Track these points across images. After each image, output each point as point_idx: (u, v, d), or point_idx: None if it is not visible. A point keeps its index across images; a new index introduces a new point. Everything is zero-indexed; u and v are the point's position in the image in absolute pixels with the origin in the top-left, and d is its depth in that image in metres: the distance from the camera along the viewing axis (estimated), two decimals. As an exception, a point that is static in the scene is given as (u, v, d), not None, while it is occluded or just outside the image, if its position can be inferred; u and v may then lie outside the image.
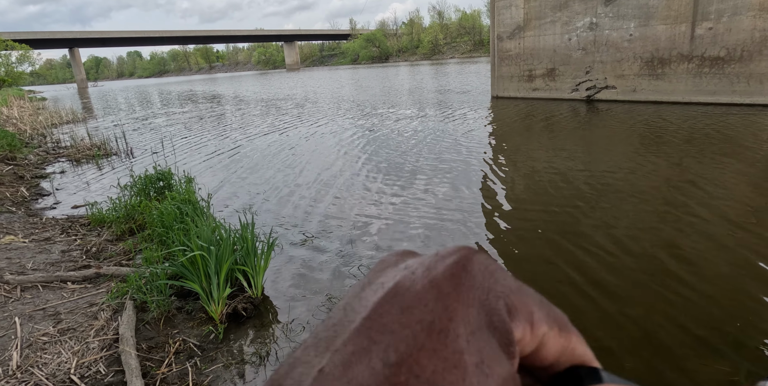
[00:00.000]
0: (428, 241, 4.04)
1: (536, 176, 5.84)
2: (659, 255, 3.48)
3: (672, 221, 4.10)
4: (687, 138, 7.34)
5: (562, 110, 11.44)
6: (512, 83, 14.65)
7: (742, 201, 4.48)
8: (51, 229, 4.86)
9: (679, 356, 2.41)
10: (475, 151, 7.45)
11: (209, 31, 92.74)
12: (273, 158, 8.11)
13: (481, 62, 47.52)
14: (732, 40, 9.79)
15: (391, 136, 9.30)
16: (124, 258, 4.03)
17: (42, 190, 6.91)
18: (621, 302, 2.93)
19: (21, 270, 3.71)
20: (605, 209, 4.52)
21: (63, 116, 17.26)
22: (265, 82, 43.07)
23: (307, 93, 24.31)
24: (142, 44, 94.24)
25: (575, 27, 12.49)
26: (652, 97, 11.41)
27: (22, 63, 43.53)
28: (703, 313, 2.76)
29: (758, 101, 9.70)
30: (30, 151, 9.99)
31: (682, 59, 10.65)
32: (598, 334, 2.62)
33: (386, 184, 5.92)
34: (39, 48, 62.16)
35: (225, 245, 3.21)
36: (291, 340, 2.76)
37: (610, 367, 1.54)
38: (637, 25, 11.24)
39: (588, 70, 12.56)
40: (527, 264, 3.58)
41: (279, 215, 5.04)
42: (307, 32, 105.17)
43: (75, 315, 3.04)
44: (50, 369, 2.50)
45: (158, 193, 5.43)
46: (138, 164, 8.42)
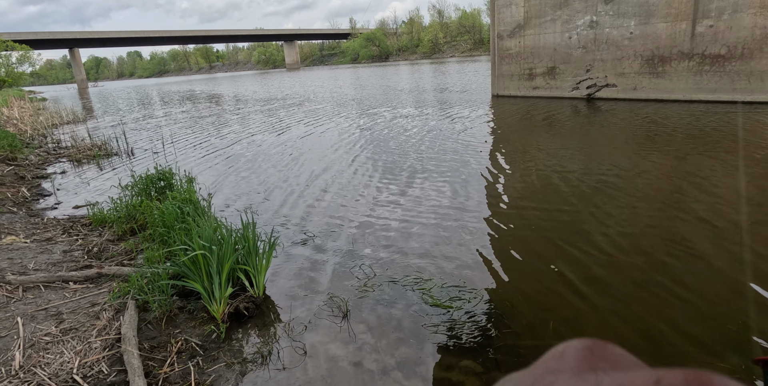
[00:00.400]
0: (428, 241, 4.04)
1: (536, 175, 5.84)
2: (659, 254, 3.48)
3: (673, 219, 4.09)
4: (687, 136, 7.33)
5: (562, 109, 11.42)
6: (512, 82, 14.63)
7: (743, 199, 4.47)
8: (52, 229, 4.87)
9: (680, 355, 2.41)
10: (476, 150, 7.44)
11: (209, 30, 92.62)
12: (273, 157, 8.11)
13: (481, 61, 47.46)
14: (733, 38, 9.77)
15: (391, 136, 9.29)
16: (125, 258, 4.03)
17: (43, 191, 6.91)
18: (620, 301, 2.93)
19: (23, 270, 3.72)
20: (605, 208, 4.51)
21: (63, 116, 17.26)
22: (264, 82, 43.06)
23: (306, 92, 24.30)
24: (142, 44, 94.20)
25: (575, 25, 12.47)
26: (652, 95, 11.39)
27: (23, 63, 43.52)
28: (703, 312, 2.76)
29: (759, 99, 9.68)
30: (31, 152, 9.99)
31: (683, 57, 10.63)
32: (600, 333, 2.62)
33: (387, 183, 5.91)
34: (39, 48, 62.16)
35: (226, 244, 3.21)
36: (293, 339, 2.77)
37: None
38: (638, 23, 11.22)
39: (588, 68, 12.54)
40: (527, 262, 3.58)
41: (280, 214, 5.04)
42: (307, 31, 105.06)
43: (77, 315, 3.05)
44: (53, 369, 2.50)
45: (159, 192, 5.43)
46: (139, 164, 8.42)
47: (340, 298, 3.17)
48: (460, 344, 2.62)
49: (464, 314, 2.90)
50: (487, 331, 2.72)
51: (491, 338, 2.66)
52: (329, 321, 2.93)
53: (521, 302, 3.00)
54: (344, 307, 3.05)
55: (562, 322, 2.74)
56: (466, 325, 2.78)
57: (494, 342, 2.61)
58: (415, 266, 3.58)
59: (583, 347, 0.22)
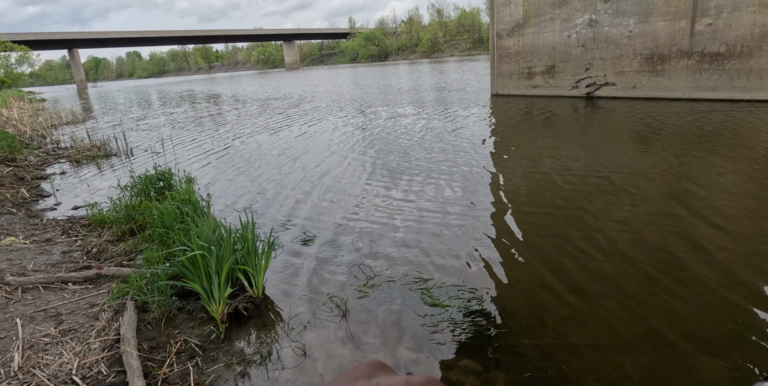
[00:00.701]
0: (427, 240, 4.04)
1: (535, 174, 5.83)
2: (659, 253, 3.48)
3: (672, 217, 4.09)
4: (687, 134, 7.33)
5: (561, 107, 11.42)
6: (512, 81, 14.63)
7: (743, 196, 4.47)
8: (51, 230, 4.86)
9: (680, 353, 2.41)
10: (475, 149, 7.44)
11: (208, 30, 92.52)
12: (272, 157, 8.11)
13: (480, 60, 47.44)
14: (732, 36, 9.76)
15: (391, 135, 9.29)
16: (124, 258, 4.03)
17: (42, 191, 6.91)
18: (619, 300, 2.93)
19: (22, 271, 3.71)
20: (604, 206, 4.51)
21: (63, 117, 17.25)
22: (264, 82, 43.04)
23: (305, 92, 24.29)
24: (142, 44, 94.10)
25: (574, 24, 12.46)
26: (652, 94, 11.38)
27: (22, 64, 43.50)
28: (703, 311, 2.76)
29: (758, 97, 9.67)
30: (30, 152, 9.99)
31: (682, 55, 10.62)
32: (600, 332, 2.62)
33: (385, 183, 5.91)
34: (38, 49, 62.12)
35: (226, 245, 3.21)
36: (292, 340, 2.77)
37: (611, 365, 1.55)
38: (637, 22, 11.21)
39: (587, 67, 12.54)
40: (526, 261, 3.58)
41: (279, 214, 5.04)
42: (306, 31, 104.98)
43: (76, 316, 3.05)
44: (52, 370, 2.50)
45: (158, 193, 5.43)
46: (138, 164, 8.42)
47: (340, 298, 3.17)
48: (460, 343, 2.62)
49: (463, 313, 2.90)
50: (486, 330, 2.72)
51: (490, 337, 2.65)
52: (328, 321, 2.93)
53: (520, 301, 3.00)
54: (343, 307, 3.05)
55: (561, 321, 2.74)
56: (465, 324, 2.78)
57: (493, 342, 2.61)
58: (415, 265, 3.58)
59: (369, 363, 0.34)
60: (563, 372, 2.31)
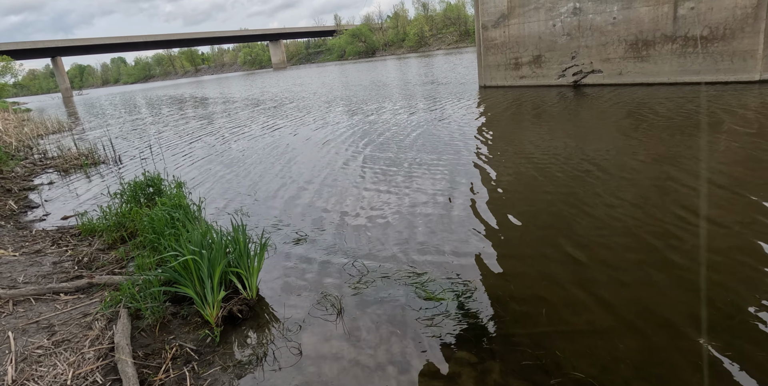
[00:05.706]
0: (420, 234, 4.04)
1: (525, 164, 5.85)
2: (650, 239, 3.50)
3: (661, 201, 4.12)
4: (673, 118, 7.37)
5: (549, 97, 11.44)
6: (499, 72, 14.63)
7: (731, 177, 4.51)
8: (41, 241, 4.81)
9: (674, 335, 2.43)
10: (465, 142, 7.44)
11: (193, 33, 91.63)
12: (261, 159, 8.07)
13: (467, 53, 47.39)
14: (714, 19, 9.81)
15: (379, 131, 9.27)
16: (116, 266, 4.00)
17: (30, 203, 6.83)
18: (613, 288, 2.95)
19: (12, 283, 3.67)
20: (594, 193, 4.53)
21: (49, 126, 17.05)
22: (251, 83, 42.76)
23: (293, 91, 24.16)
24: (126, 50, 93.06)
25: (559, 13, 12.47)
26: (638, 79, 11.43)
27: (4, 74, 42.92)
28: (697, 293, 2.78)
29: (742, 78, 9.75)
30: (16, 164, 9.86)
31: (666, 40, 10.67)
32: (593, 318, 2.64)
33: (376, 179, 5.90)
34: (21, 58, 61.24)
35: (217, 248, 3.19)
36: (287, 340, 2.76)
37: (605, 350, 1.56)
38: (620, 8, 11.23)
39: (573, 55, 12.56)
40: (518, 252, 3.59)
41: (270, 215, 5.02)
42: (292, 30, 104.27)
43: (69, 327, 3.02)
44: (46, 381, 2.48)
45: (148, 199, 5.38)
46: (127, 171, 8.35)
47: (334, 296, 3.17)
48: (455, 335, 2.63)
49: (458, 305, 2.91)
50: (481, 321, 2.73)
51: (485, 328, 2.67)
52: (323, 320, 2.93)
53: (514, 291, 3.01)
54: (338, 305, 3.05)
55: (555, 310, 2.75)
56: (460, 316, 2.79)
57: (488, 332, 2.62)
58: (408, 260, 3.58)
59: None
60: (558, 359, 2.33)
